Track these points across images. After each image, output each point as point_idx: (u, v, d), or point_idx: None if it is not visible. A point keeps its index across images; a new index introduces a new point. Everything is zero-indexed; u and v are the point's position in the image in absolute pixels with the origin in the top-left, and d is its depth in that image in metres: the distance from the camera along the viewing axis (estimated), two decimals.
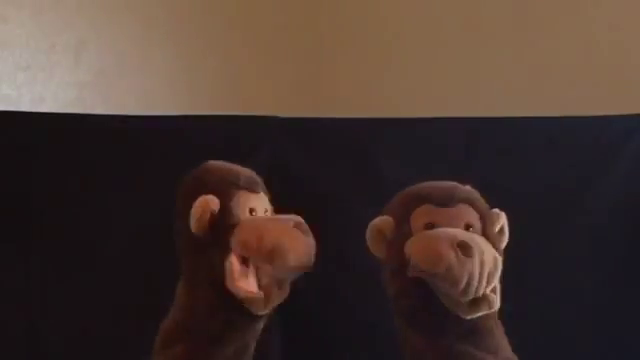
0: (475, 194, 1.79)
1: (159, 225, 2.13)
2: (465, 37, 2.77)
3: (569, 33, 2.68)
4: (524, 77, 2.70)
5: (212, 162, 1.85)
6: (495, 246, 1.73)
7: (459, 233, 1.69)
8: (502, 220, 1.77)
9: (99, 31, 2.72)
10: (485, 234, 1.73)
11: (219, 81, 2.84)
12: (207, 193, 1.78)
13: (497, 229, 1.76)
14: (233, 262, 1.73)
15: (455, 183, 1.81)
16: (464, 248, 1.64)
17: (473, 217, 1.74)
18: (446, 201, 1.76)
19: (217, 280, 1.74)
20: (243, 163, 2.18)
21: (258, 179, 1.84)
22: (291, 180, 2.20)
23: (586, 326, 2.21)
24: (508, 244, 1.81)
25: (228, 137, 2.22)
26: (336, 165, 2.23)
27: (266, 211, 1.82)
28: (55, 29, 2.65)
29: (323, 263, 1.89)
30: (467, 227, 1.73)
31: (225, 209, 1.77)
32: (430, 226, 1.73)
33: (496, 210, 1.78)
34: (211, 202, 1.76)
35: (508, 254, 1.81)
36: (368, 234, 1.81)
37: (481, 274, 1.65)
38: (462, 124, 2.27)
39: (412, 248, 1.71)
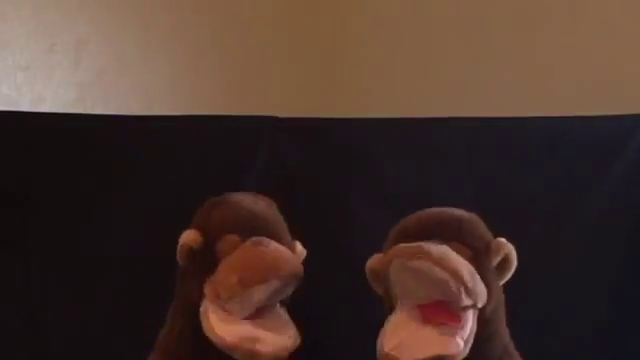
0: (470, 227, 1.77)
1: (159, 225, 2.14)
2: (465, 37, 2.77)
3: (569, 33, 2.68)
4: (524, 77, 2.70)
5: (233, 196, 1.86)
6: (489, 281, 1.72)
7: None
8: (504, 250, 1.75)
9: (100, 30, 2.71)
10: (478, 272, 1.73)
11: (219, 81, 2.84)
12: (198, 227, 1.81)
13: (496, 261, 1.74)
14: (208, 307, 1.76)
15: (450, 215, 1.80)
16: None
17: (464, 256, 1.74)
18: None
19: (190, 310, 1.78)
20: (243, 163, 2.19)
21: (263, 224, 1.82)
22: (291, 180, 2.20)
23: (586, 326, 2.21)
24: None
25: (228, 137, 2.22)
26: (336, 165, 2.23)
27: None
28: (55, 29, 2.64)
29: (323, 263, 1.89)
30: None
31: (208, 249, 1.79)
32: None
33: (499, 240, 1.76)
34: (191, 241, 1.79)
35: None
36: (367, 275, 1.82)
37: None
38: (462, 124, 2.27)
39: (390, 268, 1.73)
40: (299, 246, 1.89)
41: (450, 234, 1.76)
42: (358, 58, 2.89)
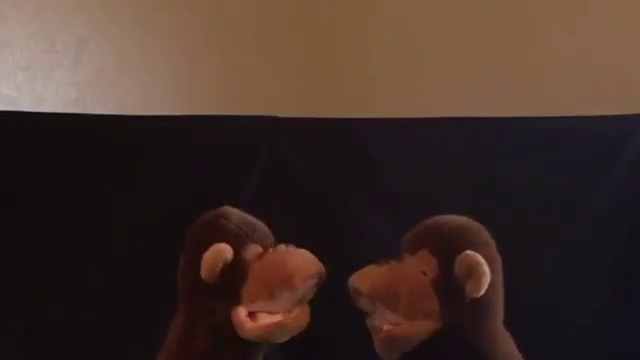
0: (449, 236, 1.79)
1: (159, 225, 2.14)
2: (465, 37, 2.77)
3: (569, 33, 2.68)
4: (524, 77, 2.70)
5: (228, 208, 1.87)
6: (443, 294, 1.75)
7: None
8: (466, 263, 1.75)
9: (99, 31, 2.72)
10: (436, 282, 1.76)
11: (219, 81, 2.84)
12: (221, 241, 1.79)
13: (459, 274, 1.75)
14: (240, 312, 1.77)
15: (437, 222, 1.83)
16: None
17: (428, 264, 1.77)
18: (412, 249, 1.81)
19: (216, 326, 1.78)
20: (243, 163, 2.19)
21: (270, 234, 1.86)
22: (291, 180, 2.20)
23: (586, 326, 2.21)
24: (508, 244, 1.81)
25: (228, 137, 2.22)
26: (336, 165, 2.23)
27: None
28: (55, 29, 2.65)
29: (322, 262, 1.89)
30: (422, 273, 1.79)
31: (237, 259, 1.78)
32: None
33: (465, 253, 1.76)
34: (225, 251, 1.77)
35: (508, 254, 1.82)
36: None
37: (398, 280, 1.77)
38: (462, 124, 2.27)
39: None
40: None
41: (426, 242, 1.80)
42: (358, 58, 2.89)
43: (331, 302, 2.04)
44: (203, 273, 1.76)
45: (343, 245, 2.17)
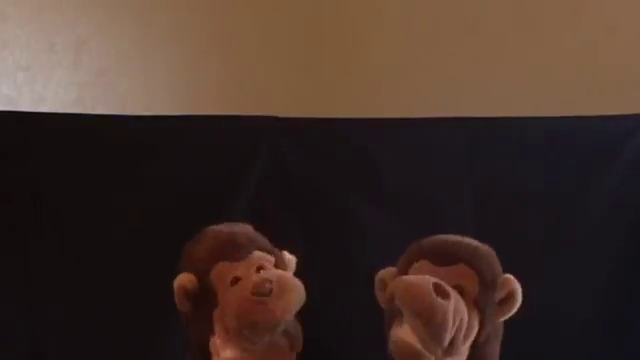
0: (484, 254, 1.77)
1: (159, 225, 2.14)
2: (465, 37, 2.77)
3: (569, 33, 2.68)
4: (524, 77, 2.70)
5: (209, 229, 1.84)
6: (486, 313, 1.72)
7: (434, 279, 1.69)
8: (509, 287, 1.75)
9: (99, 31, 2.71)
10: (479, 300, 1.73)
11: (219, 81, 2.84)
12: (187, 269, 1.79)
13: (500, 297, 1.74)
14: (216, 341, 1.75)
15: (468, 241, 1.79)
16: (440, 291, 1.66)
17: (468, 279, 1.73)
18: (444, 260, 1.75)
19: (204, 352, 1.77)
20: (243, 163, 2.19)
21: (245, 241, 1.81)
22: (291, 180, 2.20)
23: (586, 326, 2.21)
24: (507, 244, 1.81)
25: (228, 137, 2.22)
26: (336, 165, 2.23)
27: (260, 269, 1.79)
28: (55, 29, 2.65)
29: (322, 263, 1.90)
30: (455, 288, 1.71)
31: (203, 285, 1.77)
32: None
33: (506, 276, 1.76)
34: (185, 281, 1.77)
35: (507, 254, 1.82)
36: (375, 284, 1.82)
37: (454, 320, 1.66)
38: (462, 124, 2.27)
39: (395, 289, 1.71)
40: (287, 255, 1.87)
41: (463, 256, 1.75)
42: (358, 58, 2.89)
43: (331, 302, 2.05)
44: (177, 304, 1.79)
45: (343, 245, 2.17)
